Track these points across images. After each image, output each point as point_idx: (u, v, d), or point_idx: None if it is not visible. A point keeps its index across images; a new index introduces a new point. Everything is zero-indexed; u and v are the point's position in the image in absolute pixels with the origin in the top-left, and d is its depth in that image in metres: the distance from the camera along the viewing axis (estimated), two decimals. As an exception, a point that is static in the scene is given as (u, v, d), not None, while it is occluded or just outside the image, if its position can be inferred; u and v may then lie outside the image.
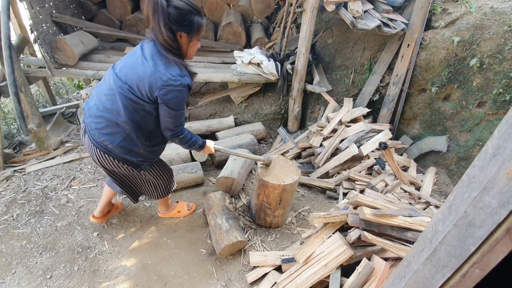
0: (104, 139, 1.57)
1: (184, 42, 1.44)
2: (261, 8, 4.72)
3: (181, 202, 2.45)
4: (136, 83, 1.44)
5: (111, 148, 1.59)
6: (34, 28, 3.04)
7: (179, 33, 1.40)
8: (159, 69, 1.40)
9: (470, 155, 2.88)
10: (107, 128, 1.56)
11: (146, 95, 1.45)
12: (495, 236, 0.59)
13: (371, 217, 1.58)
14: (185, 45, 1.47)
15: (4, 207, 2.43)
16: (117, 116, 1.52)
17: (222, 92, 3.85)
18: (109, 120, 1.54)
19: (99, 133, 1.57)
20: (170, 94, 1.42)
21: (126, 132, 1.56)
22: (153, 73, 1.40)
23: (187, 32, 1.41)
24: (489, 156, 0.58)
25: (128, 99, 1.47)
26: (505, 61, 2.54)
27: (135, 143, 1.60)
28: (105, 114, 1.53)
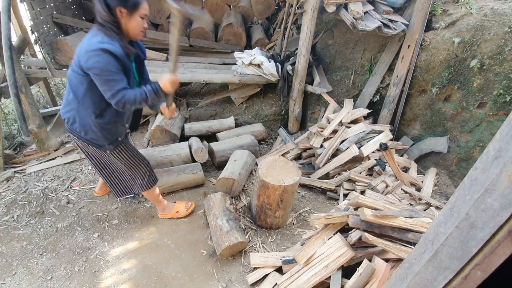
0: (65, 117, 1.75)
1: (124, 17, 1.55)
2: (261, 9, 4.72)
3: (179, 202, 2.44)
4: (74, 59, 1.58)
5: (72, 128, 1.75)
6: (35, 29, 3.05)
7: (118, 8, 1.51)
8: (85, 41, 1.54)
9: (471, 156, 2.88)
10: (64, 107, 1.73)
11: (79, 67, 1.55)
12: (497, 238, 0.59)
13: (372, 218, 1.58)
14: (126, 21, 1.57)
15: (5, 208, 2.43)
16: (68, 94, 1.68)
17: (223, 93, 3.86)
18: (65, 99, 1.72)
19: (63, 113, 1.75)
20: (90, 60, 1.49)
21: (76, 109, 1.68)
22: (81, 44, 1.55)
23: (124, 6, 1.52)
24: (491, 158, 0.58)
25: (71, 75, 1.63)
26: (505, 62, 2.54)
27: (87, 121, 1.70)
28: (65, 95, 1.74)
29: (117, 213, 2.43)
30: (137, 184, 2.11)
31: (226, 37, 4.42)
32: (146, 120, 3.56)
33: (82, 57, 1.52)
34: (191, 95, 4.05)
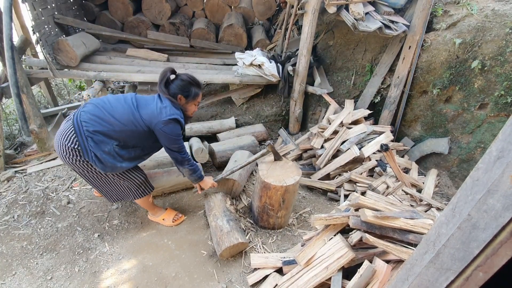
0: (86, 121, 1.78)
1: (182, 102, 1.94)
2: (262, 10, 4.73)
3: (170, 211, 2.41)
4: (147, 114, 1.83)
5: (85, 132, 1.76)
6: (36, 30, 3.06)
7: (179, 96, 1.90)
8: (154, 106, 1.84)
9: (472, 157, 2.87)
10: (98, 118, 1.79)
11: (148, 123, 1.83)
12: (499, 239, 0.59)
13: (373, 219, 1.57)
14: (183, 104, 1.95)
15: (5, 208, 2.43)
16: (113, 116, 1.79)
17: (223, 94, 3.86)
18: (104, 114, 1.79)
19: (87, 117, 1.78)
20: (167, 126, 1.81)
21: (112, 129, 1.79)
22: (152, 109, 1.83)
23: (185, 96, 1.93)
24: (493, 158, 0.58)
25: (133, 115, 1.81)
26: (506, 63, 2.54)
27: (109, 140, 1.80)
28: (103, 111, 1.80)
29: (118, 213, 2.43)
30: (131, 193, 2.14)
31: (227, 38, 4.42)
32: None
33: (160, 121, 1.80)
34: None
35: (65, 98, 4.83)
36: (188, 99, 1.93)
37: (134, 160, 1.96)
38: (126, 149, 1.88)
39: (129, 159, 1.91)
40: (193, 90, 1.93)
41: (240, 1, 4.72)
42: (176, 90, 1.89)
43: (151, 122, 1.81)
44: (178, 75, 1.94)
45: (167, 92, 1.87)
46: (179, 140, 1.89)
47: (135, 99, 1.87)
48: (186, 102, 1.94)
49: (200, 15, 4.78)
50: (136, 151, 1.93)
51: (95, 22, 4.25)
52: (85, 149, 1.76)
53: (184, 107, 1.96)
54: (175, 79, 1.91)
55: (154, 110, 1.81)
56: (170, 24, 4.38)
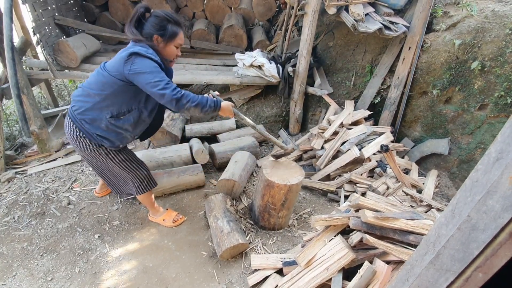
0: (75, 105, 1.75)
1: (161, 46, 1.71)
2: (262, 11, 4.74)
3: (170, 211, 2.39)
4: (112, 63, 1.67)
5: (77, 117, 1.74)
6: (37, 31, 3.06)
7: (155, 36, 1.67)
8: (124, 50, 1.64)
9: (472, 158, 2.87)
10: (80, 96, 1.75)
11: (118, 73, 1.62)
12: (499, 240, 0.59)
13: (373, 220, 1.57)
14: (161, 48, 1.71)
15: (6, 209, 2.44)
16: (90, 88, 1.71)
17: (224, 95, 3.86)
18: (83, 90, 1.73)
19: (73, 101, 1.77)
20: (136, 63, 1.58)
21: (93, 102, 1.70)
22: (121, 52, 1.63)
23: (161, 35, 1.67)
24: (492, 160, 0.58)
25: (103, 73, 1.67)
26: (506, 64, 2.54)
27: (100, 116, 1.72)
28: (83, 89, 1.75)
29: (118, 214, 2.43)
30: (135, 187, 2.12)
31: (227, 39, 4.43)
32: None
33: (123, 62, 1.59)
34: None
35: (65, 99, 4.84)
36: (164, 38, 1.67)
37: (137, 125, 1.86)
38: (122, 117, 1.76)
39: (132, 127, 1.83)
40: (170, 27, 1.67)
41: (240, 2, 4.73)
42: (150, 30, 1.65)
43: (118, 71, 1.62)
44: (153, 12, 1.69)
45: (139, 34, 1.66)
46: (157, 74, 1.59)
47: (106, 62, 1.77)
48: (164, 43, 1.70)
49: (200, 16, 4.79)
50: (133, 115, 1.79)
51: (96, 23, 4.26)
52: (87, 133, 1.74)
53: (163, 51, 1.73)
54: (149, 17, 1.68)
55: (117, 57, 1.65)
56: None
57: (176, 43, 1.73)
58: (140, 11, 1.65)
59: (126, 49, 1.64)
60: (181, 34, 1.73)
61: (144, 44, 1.65)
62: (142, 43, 1.65)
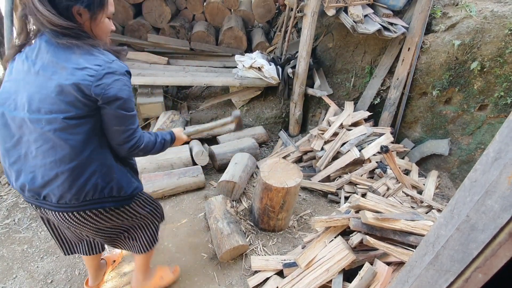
0: (51, 189, 1.10)
1: (86, 20, 1.06)
2: (262, 12, 4.75)
3: (160, 267, 1.86)
4: (59, 101, 1.00)
5: (73, 198, 1.12)
6: (37, 34, 3.07)
7: (76, 9, 1.01)
8: (76, 67, 1.00)
9: (472, 158, 2.87)
10: (45, 176, 1.08)
11: (80, 107, 1.02)
12: (498, 240, 0.59)
13: (373, 221, 1.57)
14: (89, 25, 1.07)
15: (6, 211, 2.44)
16: (44, 156, 1.06)
17: (223, 96, 3.87)
18: (42, 163, 1.07)
19: (40, 184, 1.10)
20: (114, 87, 1.03)
21: (75, 166, 1.08)
22: (72, 74, 0.99)
23: (86, 6, 1.03)
24: (490, 160, 0.58)
25: (49, 128, 1.02)
26: (506, 64, 2.54)
27: (108, 166, 1.17)
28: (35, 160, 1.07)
29: (118, 216, 2.43)
30: (144, 241, 1.52)
31: (227, 41, 4.44)
32: (147, 123, 3.57)
33: (89, 90, 1.00)
34: (192, 98, 4.07)
35: (66, 102, 4.84)
36: (93, 10, 1.05)
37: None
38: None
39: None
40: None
41: (239, 4, 4.75)
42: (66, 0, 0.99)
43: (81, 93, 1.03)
44: None
45: (53, 12, 0.97)
46: (133, 112, 1.13)
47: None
48: (93, 17, 1.06)
49: (200, 18, 4.81)
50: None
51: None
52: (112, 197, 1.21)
53: (95, 30, 1.10)
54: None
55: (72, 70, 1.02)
56: (170, 27, 4.41)
57: (109, 13, 1.12)
58: None
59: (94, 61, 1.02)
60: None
61: (60, 32, 1.00)
62: (51, 32, 0.99)
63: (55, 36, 1.00)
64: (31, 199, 1.17)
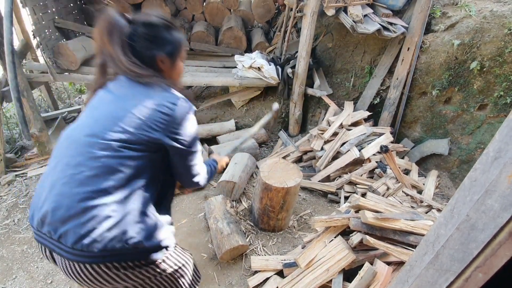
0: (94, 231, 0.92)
1: (166, 67, 1.11)
2: (261, 12, 4.75)
3: None
4: (123, 129, 0.98)
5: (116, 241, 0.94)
6: (37, 34, 3.07)
7: (160, 58, 1.08)
8: (152, 102, 1.01)
9: (472, 158, 2.87)
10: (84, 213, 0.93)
11: (145, 141, 1.00)
12: (498, 240, 0.59)
13: (373, 220, 1.57)
14: (169, 71, 1.13)
15: (6, 212, 2.44)
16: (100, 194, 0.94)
17: (223, 96, 3.87)
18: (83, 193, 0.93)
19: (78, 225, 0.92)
20: (186, 127, 1.05)
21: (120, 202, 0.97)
22: (146, 108, 1.00)
23: (168, 54, 1.09)
24: (490, 159, 0.58)
25: (116, 159, 0.97)
26: (505, 64, 2.54)
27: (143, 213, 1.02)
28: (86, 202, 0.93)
29: (118, 216, 2.43)
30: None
31: (227, 41, 4.44)
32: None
33: (162, 124, 1.00)
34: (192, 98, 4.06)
35: (65, 102, 4.84)
36: (173, 57, 1.11)
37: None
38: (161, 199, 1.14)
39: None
40: (174, 36, 1.11)
41: (239, 4, 4.75)
42: (147, 50, 1.05)
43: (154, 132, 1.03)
44: (135, 19, 1.06)
45: (136, 62, 1.04)
46: (198, 149, 1.16)
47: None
48: (172, 63, 1.12)
49: (200, 18, 4.81)
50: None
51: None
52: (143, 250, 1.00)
53: (171, 74, 1.15)
54: (136, 28, 1.05)
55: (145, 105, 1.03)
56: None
57: (182, 56, 1.17)
58: (120, 24, 1.02)
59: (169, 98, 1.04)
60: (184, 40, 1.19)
61: (149, 83, 1.04)
62: (149, 78, 1.04)
63: (135, 77, 1.04)
64: (46, 238, 0.97)
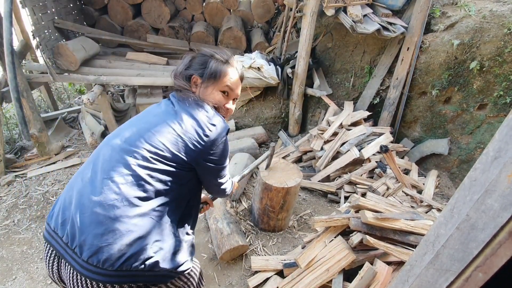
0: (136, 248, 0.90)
1: (199, 87, 1.18)
2: (261, 13, 4.75)
3: None
4: (168, 147, 1.01)
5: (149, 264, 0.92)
6: (37, 34, 3.07)
7: (194, 78, 1.18)
8: (194, 121, 1.06)
9: (472, 157, 2.87)
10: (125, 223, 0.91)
11: (181, 160, 1.02)
12: (498, 239, 0.59)
13: (373, 220, 1.57)
14: (199, 91, 1.18)
15: (5, 212, 2.43)
16: (127, 204, 0.93)
17: (223, 96, 3.86)
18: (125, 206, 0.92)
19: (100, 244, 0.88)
20: (219, 146, 1.09)
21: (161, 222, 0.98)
22: (187, 126, 1.05)
23: (199, 75, 1.17)
24: (490, 158, 0.58)
25: (149, 170, 0.97)
26: (505, 64, 2.54)
27: (171, 235, 1.01)
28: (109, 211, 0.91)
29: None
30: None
31: (226, 41, 4.44)
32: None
33: (200, 145, 1.03)
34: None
35: (65, 102, 4.84)
36: (204, 77, 1.16)
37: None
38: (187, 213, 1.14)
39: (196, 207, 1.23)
40: (213, 63, 1.17)
41: (239, 4, 4.75)
42: (190, 70, 1.19)
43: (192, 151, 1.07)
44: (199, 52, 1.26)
45: (182, 78, 1.19)
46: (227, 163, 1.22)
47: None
48: (203, 85, 1.17)
49: (199, 19, 4.81)
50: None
51: (95, 27, 4.28)
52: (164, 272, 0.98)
53: (203, 96, 1.17)
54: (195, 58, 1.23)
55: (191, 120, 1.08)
56: (170, 27, 4.41)
57: (222, 86, 1.18)
58: (189, 56, 1.23)
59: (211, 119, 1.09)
60: (230, 74, 1.20)
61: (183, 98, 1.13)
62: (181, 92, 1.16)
63: (180, 92, 1.16)
64: (59, 242, 0.94)
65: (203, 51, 1.23)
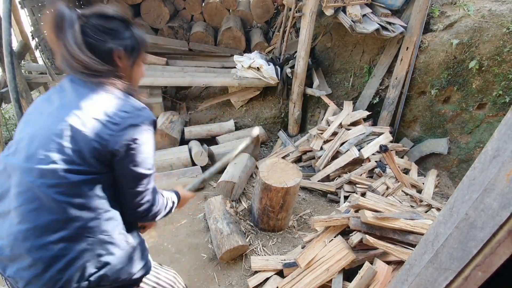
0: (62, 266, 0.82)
1: (124, 64, 0.96)
2: (260, 13, 4.75)
3: None
4: (64, 147, 0.82)
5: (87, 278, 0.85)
6: (36, 35, 3.07)
7: (117, 53, 0.92)
8: (99, 110, 0.86)
9: (471, 157, 2.87)
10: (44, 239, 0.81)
11: (90, 160, 0.84)
12: (497, 238, 0.59)
13: (373, 220, 1.57)
14: (127, 71, 0.98)
15: (5, 213, 2.43)
16: (45, 231, 0.81)
17: (222, 97, 3.86)
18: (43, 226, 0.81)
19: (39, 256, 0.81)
20: (132, 143, 0.87)
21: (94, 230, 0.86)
22: (91, 118, 0.84)
23: (128, 50, 0.95)
24: (489, 157, 0.58)
25: (59, 188, 0.81)
26: (504, 63, 2.55)
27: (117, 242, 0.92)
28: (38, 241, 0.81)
29: (117, 217, 2.43)
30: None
31: (226, 41, 4.44)
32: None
33: (110, 142, 0.84)
34: (191, 99, 4.06)
35: (64, 103, 4.84)
36: (132, 55, 0.96)
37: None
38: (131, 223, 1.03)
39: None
40: (134, 32, 0.96)
41: (238, 4, 4.75)
42: (105, 43, 0.90)
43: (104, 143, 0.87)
44: (84, 12, 0.90)
45: (92, 57, 0.87)
46: (153, 170, 0.99)
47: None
48: (131, 62, 0.97)
49: (199, 19, 4.81)
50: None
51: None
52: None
53: (131, 75, 1.00)
54: (89, 20, 0.89)
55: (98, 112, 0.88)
56: (169, 28, 4.40)
57: (144, 57, 1.04)
58: (69, 15, 0.85)
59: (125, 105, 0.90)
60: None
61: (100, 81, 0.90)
62: (99, 77, 0.90)
63: (85, 77, 0.89)
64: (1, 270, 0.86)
65: (104, 11, 0.91)
